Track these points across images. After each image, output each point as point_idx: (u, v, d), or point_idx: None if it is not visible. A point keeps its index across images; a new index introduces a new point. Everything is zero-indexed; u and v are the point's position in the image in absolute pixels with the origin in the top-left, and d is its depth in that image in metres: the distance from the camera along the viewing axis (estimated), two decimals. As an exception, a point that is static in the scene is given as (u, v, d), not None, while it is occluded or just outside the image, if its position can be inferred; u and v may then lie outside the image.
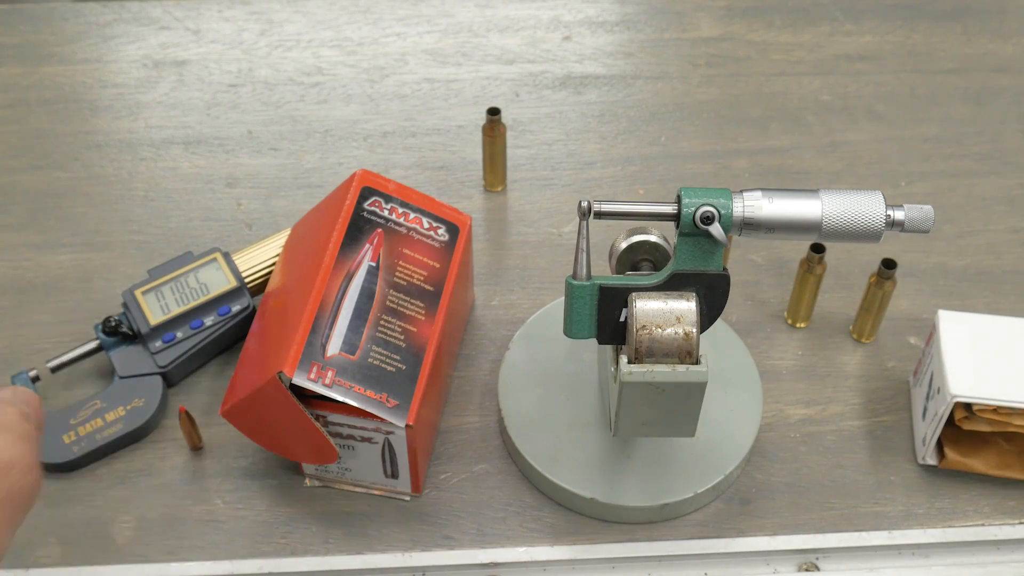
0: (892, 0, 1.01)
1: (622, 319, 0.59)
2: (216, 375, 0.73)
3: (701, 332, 0.59)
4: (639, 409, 0.60)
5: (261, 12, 0.99)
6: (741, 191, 0.57)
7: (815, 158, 0.88)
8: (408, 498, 0.68)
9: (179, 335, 0.69)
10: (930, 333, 0.70)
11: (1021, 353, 0.67)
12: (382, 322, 0.64)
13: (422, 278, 0.67)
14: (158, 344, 0.69)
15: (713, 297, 0.59)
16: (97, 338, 0.70)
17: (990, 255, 0.82)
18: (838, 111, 0.92)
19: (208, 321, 0.70)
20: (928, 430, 0.68)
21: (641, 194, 0.85)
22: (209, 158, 0.87)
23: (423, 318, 0.65)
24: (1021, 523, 0.68)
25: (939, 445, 0.69)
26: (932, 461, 0.69)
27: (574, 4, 1.00)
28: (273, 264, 0.72)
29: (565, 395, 0.70)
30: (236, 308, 0.71)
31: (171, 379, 0.70)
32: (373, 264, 0.66)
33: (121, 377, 0.69)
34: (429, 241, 0.68)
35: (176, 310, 0.69)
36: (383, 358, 0.63)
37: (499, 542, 0.66)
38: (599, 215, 0.57)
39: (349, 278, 0.65)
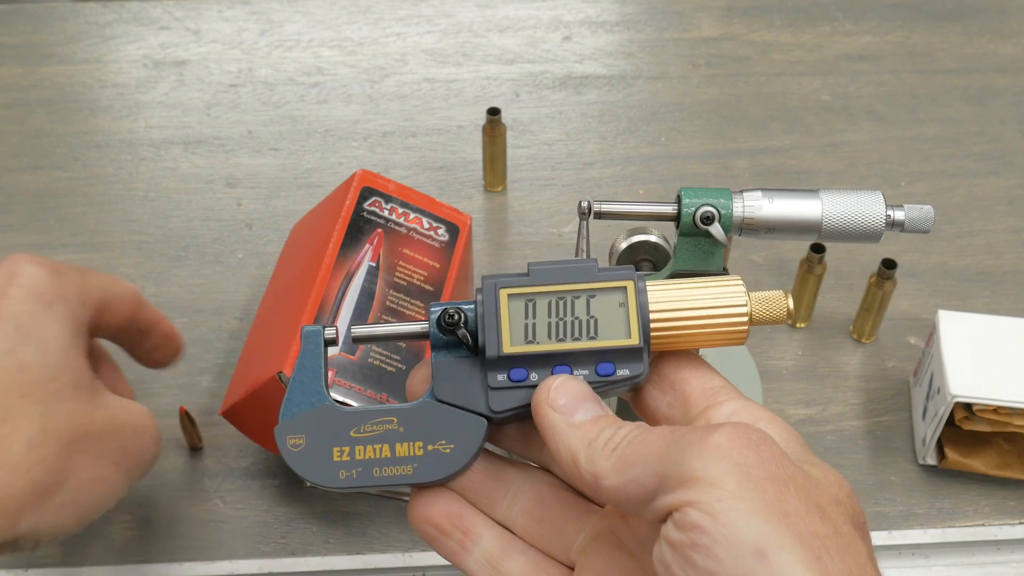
0: (892, 0, 1.01)
1: (622, 319, 0.59)
2: (216, 375, 0.73)
3: (701, 332, 0.58)
4: (639, 409, 0.59)
5: (261, 12, 0.99)
6: (741, 191, 0.57)
7: (815, 158, 0.88)
8: (408, 498, 0.68)
9: (533, 377, 0.46)
10: (930, 333, 0.70)
11: (1021, 353, 0.67)
12: (382, 322, 0.64)
13: (422, 278, 0.67)
14: (501, 379, 0.46)
15: (713, 297, 0.59)
16: (427, 327, 0.48)
17: (990, 255, 0.82)
18: (838, 111, 0.92)
19: (580, 373, 0.46)
20: (928, 430, 0.68)
21: (641, 194, 0.85)
22: (209, 158, 0.87)
23: (423, 318, 0.65)
24: (1021, 523, 0.68)
25: (939, 445, 0.69)
26: (932, 461, 0.69)
27: (574, 4, 1.00)
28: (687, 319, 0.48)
29: (565, 395, 0.70)
30: (623, 373, 0.46)
31: (496, 427, 0.48)
32: (373, 264, 0.66)
33: (437, 399, 0.47)
34: (429, 241, 0.68)
35: (545, 345, 0.46)
36: (383, 358, 0.63)
37: (499, 542, 0.66)
38: (599, 215, 0.57)
39: (349, 278, 0.65)
